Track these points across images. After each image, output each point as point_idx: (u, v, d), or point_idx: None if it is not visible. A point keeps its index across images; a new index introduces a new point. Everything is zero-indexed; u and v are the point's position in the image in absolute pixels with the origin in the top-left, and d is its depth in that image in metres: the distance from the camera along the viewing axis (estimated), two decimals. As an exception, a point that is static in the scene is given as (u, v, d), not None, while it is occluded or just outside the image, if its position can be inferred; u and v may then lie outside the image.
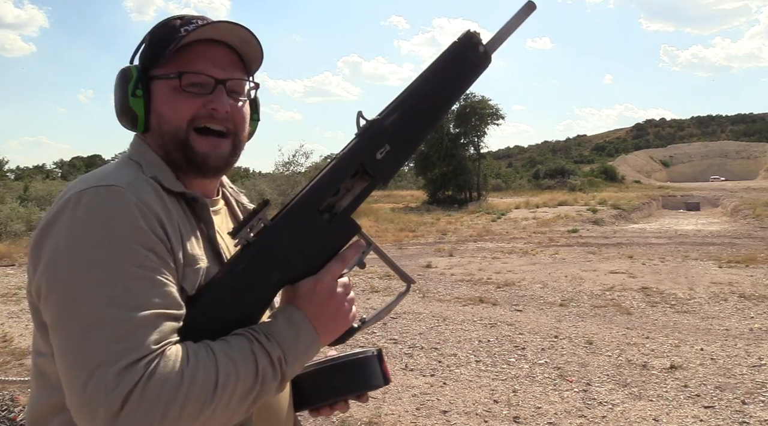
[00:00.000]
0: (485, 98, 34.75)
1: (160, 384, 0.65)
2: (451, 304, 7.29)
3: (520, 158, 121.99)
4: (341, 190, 0.84)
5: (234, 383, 0.69)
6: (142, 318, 0.68)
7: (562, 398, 4.13)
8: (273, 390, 0.74)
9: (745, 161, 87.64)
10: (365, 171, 0.83)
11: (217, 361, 0.69)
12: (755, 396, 4.05)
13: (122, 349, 0.65)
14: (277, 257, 0.79)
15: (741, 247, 11.89)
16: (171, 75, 0.83)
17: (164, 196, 0.79)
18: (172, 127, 0.84)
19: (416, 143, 0.87)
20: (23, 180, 31.03)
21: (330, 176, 0.82)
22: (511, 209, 24.65)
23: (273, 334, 0.75)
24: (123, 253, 0.70)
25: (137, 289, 0.69)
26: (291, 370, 0.75)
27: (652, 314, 6.50)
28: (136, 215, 0.72)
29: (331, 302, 0.80)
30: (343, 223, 0.83)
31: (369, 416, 3.86)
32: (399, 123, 0.84)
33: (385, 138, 0.83)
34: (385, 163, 0.84)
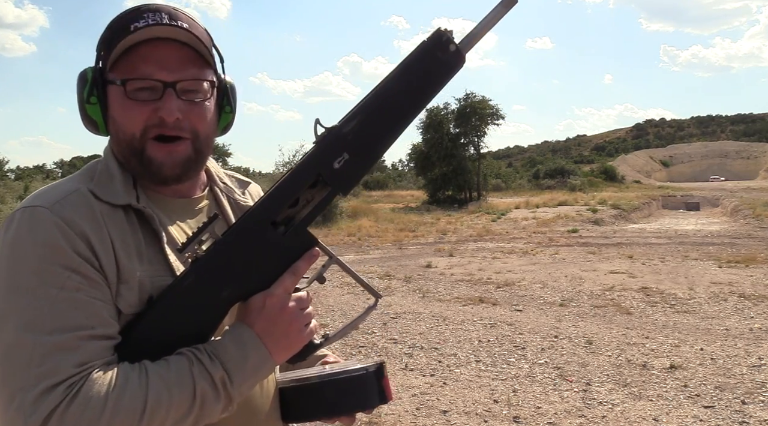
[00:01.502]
0: (485, 98, 34.77)
1: (81, 409, 0.63)
2: (451, 304, 7.30)
3: (520, 158, 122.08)
4: (300, 201, 0.80)
5: (166, 408, 0.66)
6: (61, 341, 0.66)
7: (562, 398, 4.13)
8: (217, 412, 0.71)
9: (745, 161, 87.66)
10: (323, 181, 0.79)
11: (148, 384, 0.67)
12: (755, 396, 4.05)
13: (39, 374, 0.64)
14: (227, 272, 0.76)
15: (741, 247, 11.90)
16: (117, 82, 0.79)
17: (98, 211, 0.75)
18: (127, 136, 0.80)
19: (378, 151, 0.81)
20: (23, 180, 31.04)
21: (283, 187, 0.78)
22: (511, 209, 24.65)
23: (218, 354, 0.72)
24: (42, 276, 0.68)
25: (56, 311, 0.67)
26: (238, 391, 0.72)
27: (652, 314, 6.50)
28: (56, 236, 0.70)
29: (283, 317, 0.76)
30: (297, 236, 0.79)
31: (369, 416, 3.86)
32: (359, 129, 0.79)
33: (343, 146, 0.78)
34: (343, 173, 0.79)
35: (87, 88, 0.80)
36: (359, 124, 0.79)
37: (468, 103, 34.47)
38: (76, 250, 0.71)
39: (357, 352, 5.32)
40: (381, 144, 0.81)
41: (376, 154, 0.81)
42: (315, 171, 0.78)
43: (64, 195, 0.75)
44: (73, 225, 0.72)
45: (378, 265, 10.65)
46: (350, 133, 0.79)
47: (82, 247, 0.71)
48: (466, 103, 34.56)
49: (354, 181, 0.81)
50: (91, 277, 0.71)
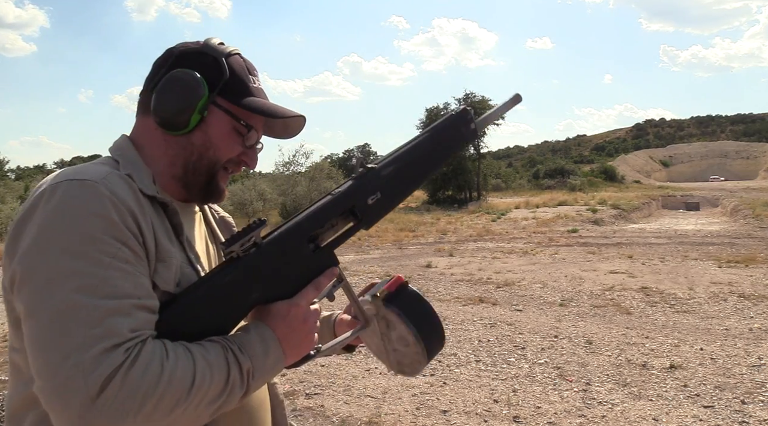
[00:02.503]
0: (485, 98, 34.83)
1: (142, 373, 0.65)
2: (451, 304, 7.30)
3: (520, 158, 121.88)
4: (326, 224, 0.88)
5: (207, 386, 0.70)
6: (116, 306, 0.68)
7: (562, 398, 4.13)
8: (236, 401, 0.76)
9: (745, 161, 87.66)
10: (352, 212, 0.89)
11: (195, 361, 0.70)
12: (755, 396, 4.06)
13: (98, 334, 0.65)
14: (262, 276, 0.82)
15: (741, 247, 11.90)
16: (242, 121, 0.90)
17: (139, 193, 0.81)
18: (215, 157, 0.90)
19: (404, 195, 0.94)
20: (23, 180, 31.04)
21: (323, 210, 0.87)
22: (511, 209, 24.65)
23: (245, 347, 0.77)
24: (96, 244, 0.71)
25: (110, 278, 0.70)
26: (255, 384, 0.77)
27: (651, 314, 6.50)
28: (109, 208, 0.73)
29: (303, 327, 0.83)
30: (325, 256, 0.88)
31: (369, 416, 3.86)
32: (394, 174, 0.91)
33: (378, 186, 0.90)
34: (373, 209, 0.90)
35: (203, 102, 0.86)
36: (395, 171, 0.92)
37: (468, 103, 34.46)
38: (126, 224, 0.74)
39: (357, 352, 5.32)
40: (407, 190, 0.95)
41: (401, 198, 0.94)
42: (351, 202, 0.89)
43: (107, 173, 0.78)
44: (123, 201, 0.75)
45: (378, 265, 10.65)
46: (386, 177, 0.91)
47: (130, 223, 0.75)
48: (466, 103, 34.57)
49: (379, 218, 0.92)
50: (137, 252, 0.75)
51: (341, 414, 3.92)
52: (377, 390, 4.35)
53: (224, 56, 0.89)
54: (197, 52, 0.89)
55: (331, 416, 3.89)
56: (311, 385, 4.46)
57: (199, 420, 0.72)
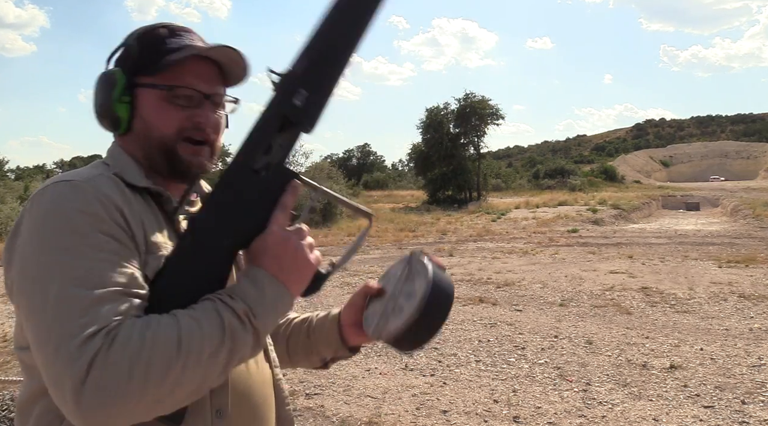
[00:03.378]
0: (485, 98, 34.83)
1: (122, 347, 0.67)
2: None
3: (520, 158, 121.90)
4: (274, 147, 0.83)
5: (199, 339, 0.70)
6: (103, 294, 0.71)
7: (562, 398, 4.13)
8: (248, 344, 0.75)
9: (745, 161, 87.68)
10: (288, 122, 0.83)
11: (178, 321, 0.71)
12: (755, 396, 4.06)
13: (83, 324, 0.68)
14: (222, 223, 0.80)
15: (741, 247, 11.90)
16: (162, 86, 0.88)
17: (126, 190, 0.83)
18: (160, 135, 0.89)
19: (333, 81, 0.85)
20: (23, 180, 31.06)
21: (255, 136, 0.82)
22: (511, 209, 24.66)
23: (236, 293, 0.76)
24: (83, 239, 0.74)
25: (98, 270, 0.73)
26: (262, 322, 0.76)
27: (651, 314, 6.50)
28: (95, 205, 0.77)
29: (286, 250, 0.80)
30: (277, 175, 0.83)
31: (369, 416, 3.86)
32: (310, 64, 0.83)
33: (299, 84, 0.82)
34: (306, 109, 0.83)
35: (119, 89, 0.88)
36: (309, 61, 0.82)
37: (468, 103, 34.50)
38: (113, 219, 0.78)
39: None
40: (334, 74, 0.84)
41: (331, 85, 0.84)
42: (279, 114, 0.82)
43: (94, 175, 0.83)
44: (109, 197, 0.79)
45: (378, 265, 10.65)
46: (304, 71, 0.82)
47: (118, 217, 0.79)
48: (466, 103, 34.60)
49: (317, 115, 0.84)
50: (126, 244, 0.78)
51: (341, 414, 3.92)
52: (377, 390, 4.35)
53: (135, 37, 0.91)
54: (121, 47, 0.93)
55: (331, 416, 3.89)
56: (311, 385, 4.45)
57: (213, 373, 0.72)
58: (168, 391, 0.68)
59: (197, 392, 0.72)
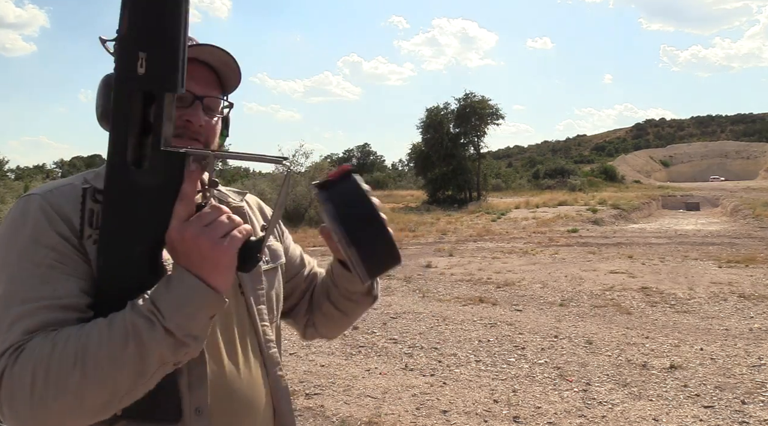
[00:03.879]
0: (485, 98, 34.80)
1: (25, 363, 0.70)
2: (451, 304, 7.30)
3: (520, 158, 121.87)
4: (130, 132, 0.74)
5: (96, 345, 0.71)
6: (25, 310, 0.75)
7: (562, 398, 4.13)
8: (164, 343, 0.73)
9: (745, 161, 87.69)
10: (147, 95, 0.73)
11: (81, 331, 0.73)
12: (755, 396, 4.06)
13: (2, 340, 0.73)
14: (124, 233, 0.75)
15: (741, 247, 11.90)
16: None
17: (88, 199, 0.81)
18: None
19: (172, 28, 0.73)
20: (23, 180, 31.05)
21: (115, 125, 0.74)
22: (511, 209, 24.66)
23: (148, 294, 0.75)
24: (23, 253, 0.79)
25: (28, 284, 0.77)
26: (173, 321, 0.73)
27: (651, 314, 6.50)
28: (40, 218, 0.81)
29: (187, 244, 0.75)
30: (160, 160, 0.74)
31: (369, 416, 3.86)
32: (134, 19, 0.71)
33: (132, 47, 0.71)
34: (155, 71, 0.72)
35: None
36: (129, 14, 0.72)
37: (468, 103, 34.48)
38: (57, 230, 0.80)
39: (357, 352, 5.32)
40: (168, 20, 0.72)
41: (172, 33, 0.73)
42: (126, 87, 0.72)
43: (57, 186, 0.88)
44: (58, 209, 0.82)
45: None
46: (129, 29, 0.72)
47: (62, 228, 0.81)
48: (466, 103, 34.58)
49: (173, 72, 0.73)
50: (68, 255, 0.80)
51: (341, 414, 3.92)
52: (377, 390, 4.35)
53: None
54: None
55: (331, 416, 3.89)
56: (311, 386, 4.46)
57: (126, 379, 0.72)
58: (75, 402, 0.70)
59: (115, 399, 0.72)
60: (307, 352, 5.31)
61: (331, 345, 5.54)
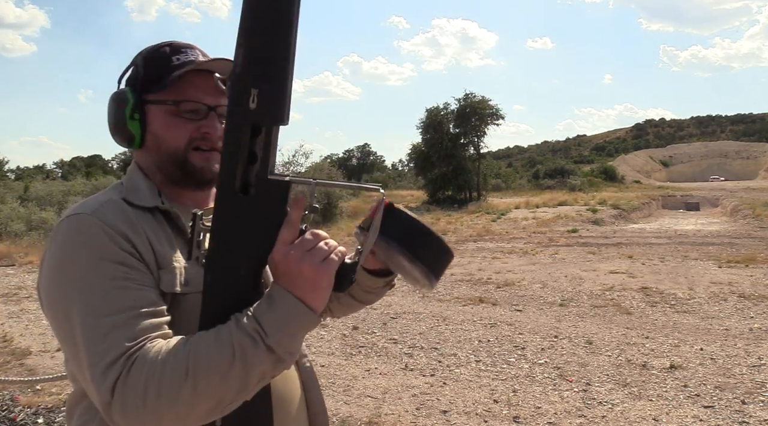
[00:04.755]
0: (485, 98, 34.81)
1: (139, 373, 0.74)
2: (451, 304, 7.30)
3: (520, 158, 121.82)
4: (257, 156, 0.79)
5: (207, 361, 0.74)
6: (116, 320, 0.79)
7: (562, 398, 4.13)
8: (266, 361, 0.76)
9: (745, 161, 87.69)
10: (255, 129, 0.79)
11: (189, 344, 0.76)
12: (755, 396, 4.06)
13: (103, 350, 0.77)
14: (232, 254, 0.80)
15: (741, 247, 11.90)
16: (169, 102, 0.96)
17: (131, 214, 0.91)
18: (171, 148, 0.96)
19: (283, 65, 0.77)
20: (23, 180, 31.05)
21: (225, 154, 0.79)
22: (511, 209, 24.66)
23: (252, 311, 0.79)
24: (94, 270, 0.82)
25: (110, 297, 0.81)
26: (275, 339, 0.76)
27: (651, 314, 6.50)
28: (101, 235, 0.85)
29: (290, 267, 0.79)
30: (265, 186, 0.79)
31: (369, 416, 3.86)
32: (246, 59, 0.77)
33: (245, 84, 0.77)
34: (264, 106, 0.77)
35: (130, 107, 0.96)
36: (244, 54, 0.77)
37: (468, 103, 34.49)
38: (119, 246, 0.85)
39: (357, 353, 5.32)
40: (276, 56, 0.77)
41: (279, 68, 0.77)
42: (239, 121, 0.78)
43: (100, 204, 0.91)
44: (113, 226, 0.87)
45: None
46: (242, 68, 0.77)
47: (123, 243, 0.86)
48: (466, 103, 34.59)
49: (279, 107, 0.78)
50: (135, 267, 0.85)
51: (341, 414, 3.92)
52: (377, 390, 4.35)
53: (142, 57, 0.99)
54: (129, 66, 1.01)
55: (331, 416, 3.89)
56: (311, 385, 4.45)
57: (230, 393, 0.76)
58: (185, 410, 0.74)
59: (220, 408, 0.76)
60: (307, 352, 5.31)
61: (331, 345, 5.54)
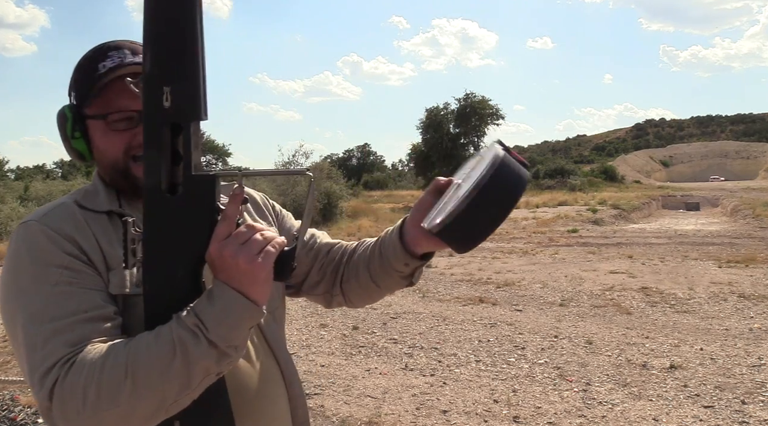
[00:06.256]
0: (485, 98, 34.85)
1: (75, 376, 0.73)
2: (451, 304, 7.30)
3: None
4: (181, 154, 0.79)
5: (146, 359, 0.74)
6: (57, 326, 0.78)
7: (562, 398, 4.13)
8: (208, 355, 0.75)
9: (745, 161, 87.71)
10: (173, 126, 0.78)
11: (129, 344, 0.76)
12: (755, 396, 4.06)
13: (42, 356, 0.76)
14: (167, 257, 0.79)
15: (741, 247, 11.90)
16: (98, 116, 0.93)
17: (80, 216, 0.90)
18: (111, 160, 0.94)
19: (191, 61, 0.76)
20: (23, 180, 31.03)
21: (147, 157, 0.78)
22: (511, 209, 24.61)
23: (191, 308, 0.78)
24: (37, 277, 0.82)
25: (52, 304, 0.80)
26: (217, 333, 0.75)
27: (651, 314, 6.50)
28: (44, 241, 0.84)
29: (226, 261, 0.78)
30: (194, 184, 0.78)
31: (369, 416, 3.86)
32: (155, 59, 0.76)
33: (157, 83, 0.76)
34: (179, 104, 0.76)
35: (69, 126, 0.94)
36: (152, 53, 0.76)
37: (468, 103, 34.52)
38: (62, 249, 0.84)
39: (357, 352, 5.32)
40: (187, 55, 0.77)
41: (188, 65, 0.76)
42: (155, 121, 0.77)
43: (51, 208, 0.91)
44: (58, 229, 0.86)
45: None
46: (152, 67, 0.76)
47: (67, 246, 0.85)
48: (466, 103, 34.62)
49: (196, 102, 0.77)
50: (80, 270, 0.84)
51: (341, 414, 3.92)
52: (377, 390, 4.35)
53: (75, 68, 0.96)
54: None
55: (331, 416, 3.89)
56: (311, 386, 4.45)
57: (173, 391, 0.74)
58: (127, 411, 0.73)
59: (163, 407, 0.75)
60: (307, 352, 5.32)
61: (331, 345, 5.54)
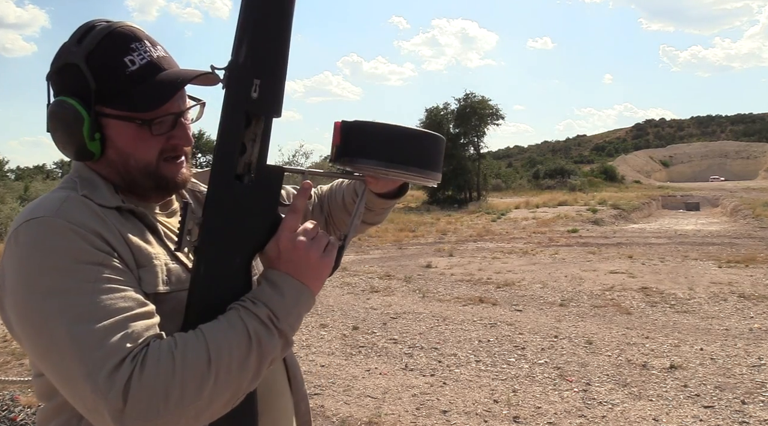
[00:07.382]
0: (485, 98, 34.77)
1: (154, 369, 0.67)
2: (451, 304, 7.30)
3: (520, 158, 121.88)
4: (247, 145, 0.81)
5: (228, 352, 0.72)
6: (111, 324, 0.70)
7: (562, 398, 4.13)
8: (277, 346, 0.77)
9: (745, 161, 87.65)
10: (255, 114, 0.81)
11: (205, 336, 0.72)
12: (755, 396, 4.06)
13: (102, 356, 0.68)
14: (226, 243, 0.80)
15: (741, 247, 11.89)
16: (138, 121, 0.84)
17: (98, 210, 0.81)
18: (142, 163, 0.87)
19: (281, 59, 0.81)
20: (23, 180, 31.03)
21: (223, 143, 0.79)
22: (511, 209, 24.65)
23: (257, 298, 0.78)
24: (74, 275, 0.73)
25: (98, 302, 0.72)
26: (286, 324, 0.78)
27: (651, 314, 6.50)
28: (72, 237, 0.75)
29: (298, 253, 0.81)
30: (263, 175, 0.82)
31: (369, 416, 3.86)
32: (252, 50, 0.78)
33: (249, 74, 0.79)
34: (265, 97, 0.80)
35: (87, 127, 0.83)
36: (249, 46, 0.78)
37: (468, 103, 34.47)
38: (95, 246, 0.76)
39: (357, 353, 5.32)
40: (278, 52, 0.81)
41: (279, 64, 0.81)
42: (240, 111, 0.79)
43: (60, 202, 0.79)
44: (83, 224, 0.77)
45: (378, 265, 10.64)
46: (247, 59, 0.78)
47: (98, 243, 0.77)
48: (466, 103, 34.57)
49: (277, 99, 0.82)
50: (117, 267, 0.77)
51: (341, 414, 3.92)
52: (377, 390, 4.35)
53: (84, 59, 0.83)
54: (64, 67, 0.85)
55: (331, 416, 3.89)
56: (311, 386, 4.45)
57: (245, 380, 0.74)
58: (205, 405, 0.70)
59: (233, 400, 0.75)
60: (307, 352, 5.32)
61: (331, 345, 5.54)
